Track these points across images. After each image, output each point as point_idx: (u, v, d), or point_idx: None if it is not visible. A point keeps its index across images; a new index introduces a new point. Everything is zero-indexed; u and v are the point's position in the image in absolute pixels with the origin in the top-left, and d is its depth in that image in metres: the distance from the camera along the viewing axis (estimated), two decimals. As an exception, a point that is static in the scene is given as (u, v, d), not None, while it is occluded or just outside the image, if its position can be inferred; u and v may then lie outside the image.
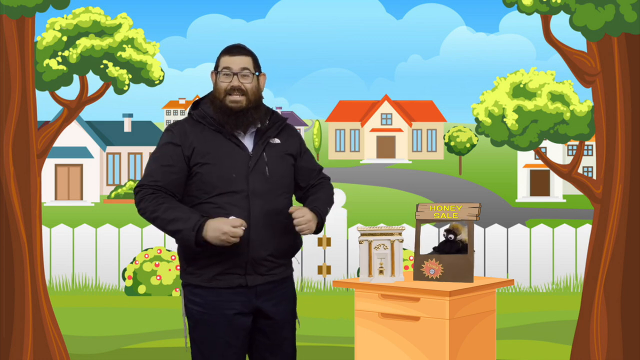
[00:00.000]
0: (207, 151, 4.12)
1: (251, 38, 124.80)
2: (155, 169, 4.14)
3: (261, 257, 4.15)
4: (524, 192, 39.17)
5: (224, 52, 4.23)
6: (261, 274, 4.18)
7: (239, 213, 4.07)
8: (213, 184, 4.10)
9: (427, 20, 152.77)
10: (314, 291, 11.86)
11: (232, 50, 4.22)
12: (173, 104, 66.30)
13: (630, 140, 6.50)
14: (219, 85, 4.18)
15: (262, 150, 4.18)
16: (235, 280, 4.14)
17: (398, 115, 59.58)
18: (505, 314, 9.31)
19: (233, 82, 4.16)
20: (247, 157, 4.15)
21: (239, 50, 4.22)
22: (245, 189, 4.11)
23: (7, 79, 6.51)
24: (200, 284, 4.16)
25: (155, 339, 8.74)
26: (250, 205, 4.11)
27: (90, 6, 7.74)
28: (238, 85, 4.15)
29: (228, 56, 4.20)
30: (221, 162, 4.12)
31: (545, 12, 6.58)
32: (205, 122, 4.18)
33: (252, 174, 4.14)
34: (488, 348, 4.56)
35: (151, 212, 4.07)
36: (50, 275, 11.80)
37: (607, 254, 6.56)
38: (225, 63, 4.19)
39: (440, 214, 4.60)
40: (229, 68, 4.17)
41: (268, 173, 4.17)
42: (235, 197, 4.10)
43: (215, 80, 4.21)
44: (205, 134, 4.16)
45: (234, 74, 4.16)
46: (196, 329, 4.19)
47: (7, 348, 6.54)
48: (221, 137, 4.16)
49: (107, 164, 39.59)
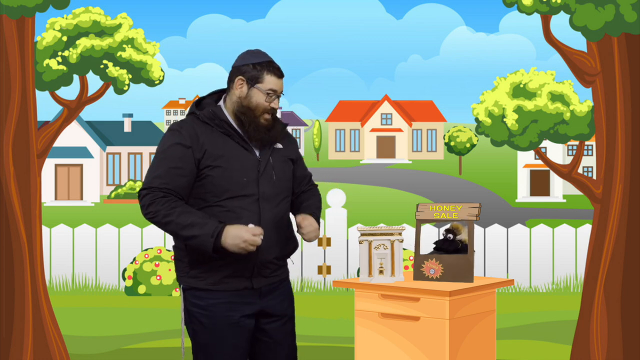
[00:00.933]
0: (218, 154, 4.09)
1: (251, 38, 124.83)
2: (164, 171, 4.06)
3: (268, 261, 4.17)
4: (524, 192, 39.18)
5: (270, 71, 4.16)
6: (265, 276, 4.19)
7: (249, 217, 4.07)
8: (224, 187, 4.08)
9: (427, 20, 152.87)
10: (314, 291, 11.86)
11: (279, 73, 4.18)
12: (173, 104, 66.32)
13: (630, 140, 6.50)
14: (259, 103, 4.13)
15: (269, 155, 4.19)
16: (241, 283, 4.14)
17: (398, 115, 59.59)
18: (505, 314, 9.31)
19: (275, 105, 4.15)
20: (257, 161, 4.15)
21: (282, 73, 4.21)
22: (256, 193, 4.11)
23: (7, 79, 6.51)
24: (205, 287, 4.14)
25: (155, 339, 8.74)
26: (260, 209, 4.11)
27: (90, 6, 7.74)
28: (277, 108, 4.17)
29: (275, 78, 4.16)
30: (232, 165, 4.09)
31: (545, 12, 6.58)
32: (214, 124, 4.14)
33: (262, 178, 4.14)
34: (488, 348, 4.56)
35: (164, 216, 4.01)
36: (50, 275, 11.80)
37: (607, 254, 6.56)
38: (272, 84, 4.14)
39: (440, 214, 4.61)
40: (275, 91, 4.16)
41: (275, 177, 4.18)
42: (246, 200, 4.09)
43: (250, 93, 4.14)
44: (215, 136, 4.12)
45: (277, 97, 4.17)
46: (201, 333, 4.17)
47: (7, 348, 6.54)
48: (230, 141, 4.14)
49: (107, 164, 39.59)
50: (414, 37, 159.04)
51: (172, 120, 64.06)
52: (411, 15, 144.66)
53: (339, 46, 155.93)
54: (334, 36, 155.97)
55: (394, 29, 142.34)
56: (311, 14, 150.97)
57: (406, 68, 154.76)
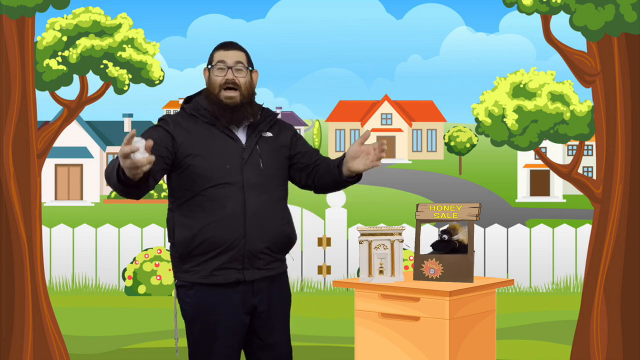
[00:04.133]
0: (200, 143, 4.11)
1: (251, 38, 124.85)
2: None
3: (258, 250, 4.13)
4: (524, 192, 39.20)
5: (218, 48, 4.24)
6: (258, 268, 4.16)
7: (234, 204, 4.06)
8: (206, 176, 4.08)
9: (427, 20, 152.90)
10: (314, 291, 11.86)
11: (226, 45, 4.23)
12: (173, 104, 66.31)
13: (630, 140, 6.50)
14: (214, 80, 4.19)
15: (255, 143, 4.18)
16: (232, 275, 4.12)
17: (398, 115, 59.61)
18: (505, 314, 9.31)
19: (227, 76, 4.17)
20: (241, 149, 4.15)
21: (233, 45, 4.23)
22: (240, 181, 4.10)
23: (7, 79, 6.51)
24: (197, 282, 4.13)
25: (155, 339, 8.74)
26: (245, 196, 4.09)
27: (90, 6, 7.75)
28: (232, 78, 4.16)
29: (222, 50, 4.21)
30: (215, 154, 4.10)
31: (545, 12, 6.58)
32: (199, 114, 4.17)
33: (247, 165, 4.13)
34: (488, 348, 4.56)
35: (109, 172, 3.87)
36: (50, 275, 11.80)
37: (607, 254, 6.56)
38: (219, 57, 4.19)
39: (440, 214, 4.61)
40: (223, 62, 4.18)
41: (262, 165, 4.16)
42: (230, 188, 4.08)
43: (209, 76, 4.21)
44: (198, 126, 4.15)
45: (228, 68, 4.17)
46: (192, 329, 4.17)
47: (7, 348, 6.54)
48: (215, 130, 4.16)
49: (107, 164, 39.61)
50: (414, 37, 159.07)
51: (172, 120, 63.86)
52: (411, 15, 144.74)
53: (339, 46, 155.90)
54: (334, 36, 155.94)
55: (394, 29, 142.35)
56: (311, 14, 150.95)
57: (406, 68, 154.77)
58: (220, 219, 4.06)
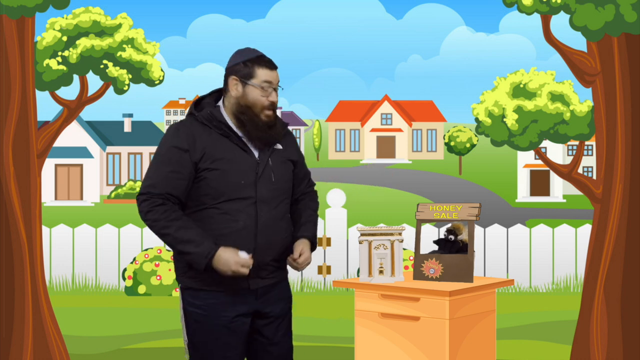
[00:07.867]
0: (216, 156, 4.05)
1: (251, 38, 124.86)
2: (162, 176, 4.04)
3: (265, 263, 4.16)
4: (524, 192, 39.19)
5: (261, 64, 4.11)
6: (263, 277, 4.18)
7: (246, 219, 4.06)
8: (221, 190, 4.05)
9: (427, 20, 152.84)
10: (314, 291, 11.86)
11: (270, 64, 4.12)
12: (173, 104, 66.33)
13: (630, 140, 6.50)
14: (256, 99, 4.08)
15: (268, 156, 4.16)
16: (238, 284, 4.13)
17: (398, 115, 59.59)
18: (505, 314, 9.31)
19: (272, 98, 4.09)
20: (255, 163, 4.11)
21: (275, 65, 4.14)
22: (253, 196, 4.09)
23: (7, 79, 6.51)
24: (202, 287, 4.14)
25: (155, 339, 8.74)
26: (257, 211, 4.09)
27: (90, 6, 7.74)
28: (276, 101, 4.11)
29: (267, 70, 4.10)
30: (230, 168, 4.06)
31: (545, 12, 6.58)
32: (212, 125, 4.10)
33: (260, 180, 4.11)
34: (488, 348, 4.56)
35: (162, 227, 4.01)
36: (50, 275, 11.80)
37: (607, 254, 6.55)
38: (265, 76, 4.09)
39: (440, 214, 4.61)
40: (270, 83, 4.09)
41: (274, 179, 4.15)
42: (243, 203, 4.07)
43: (246, 91, 4.09)
44: (213, 138, 4.09)
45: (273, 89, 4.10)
46: (197, 332, 4.17)
47: (7, 348, 6.54)
48: (229, 142, 4.10)
49: (107, 164, 39.60)
50: (414, 37, 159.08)
51: (172, 121, 64.08)
52: (411, 15, 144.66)
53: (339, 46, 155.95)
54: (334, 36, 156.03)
55: (394, 29, 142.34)
56: (311, 14, 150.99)
57: (406, 68, 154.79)
58: (232, 233, 4.06)
